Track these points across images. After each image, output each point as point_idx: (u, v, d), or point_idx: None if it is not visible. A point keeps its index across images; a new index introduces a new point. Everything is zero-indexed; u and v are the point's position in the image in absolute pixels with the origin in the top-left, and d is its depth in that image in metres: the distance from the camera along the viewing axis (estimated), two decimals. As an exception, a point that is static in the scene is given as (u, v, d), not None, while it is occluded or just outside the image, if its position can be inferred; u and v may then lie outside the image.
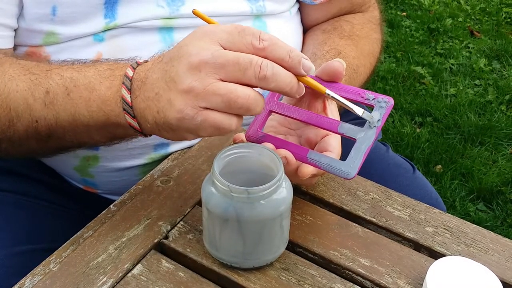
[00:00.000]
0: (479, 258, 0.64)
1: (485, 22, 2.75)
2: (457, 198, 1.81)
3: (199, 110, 0.56)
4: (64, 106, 0.64)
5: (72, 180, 0.87)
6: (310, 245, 0.65)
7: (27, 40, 0.76)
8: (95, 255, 0.63)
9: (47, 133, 0.66)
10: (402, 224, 0.68)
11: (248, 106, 0.56)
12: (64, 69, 0.66)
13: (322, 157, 0.63)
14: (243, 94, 0.56)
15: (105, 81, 0.63)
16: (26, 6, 0.73)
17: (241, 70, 0.55)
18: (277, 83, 0.56)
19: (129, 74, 0.61)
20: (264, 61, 0.56)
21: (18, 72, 0.67)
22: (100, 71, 0.64)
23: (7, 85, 0.66)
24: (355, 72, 0.85)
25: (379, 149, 0.94)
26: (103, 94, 0.62)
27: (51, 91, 0.64)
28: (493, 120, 2.12)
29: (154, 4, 0.77)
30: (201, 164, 0.75)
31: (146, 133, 0.63)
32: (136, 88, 0.60)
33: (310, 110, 0.68)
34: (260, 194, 0.57)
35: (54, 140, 0.68)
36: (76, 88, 0.64)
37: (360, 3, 0.97)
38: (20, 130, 0.67)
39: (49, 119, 0.65)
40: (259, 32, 0.57)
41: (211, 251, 0.62)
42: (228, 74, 0.55)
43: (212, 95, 0.55)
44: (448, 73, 2.40)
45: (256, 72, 0.55)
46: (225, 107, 0.56)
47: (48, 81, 0.65)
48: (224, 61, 0.55)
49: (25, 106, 0.66)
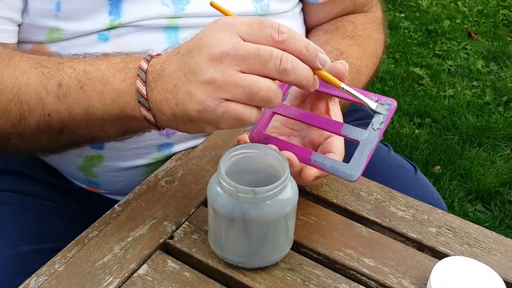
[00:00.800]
0: (482, 258, 0.65)
1: (482, 24, 2.76)
2: (455, 198, 1.82)
3: (220, 101, 0.56)
4: (78, 99, 0.63)
5: (76, 180, 0.87)
6: (314, 245, 0.65)
7: (31, 36, 0.76)
8: (101, 255, 0.63)
9: (59, 127, 0.66)
10: (405, 225, 0.69)
11: (269, 98, 0.56)
12: (76, 62, 0.65)
13: (325, 159, 0.63)
14: (264, 86, 0.56)
15: (119, 74, 0.62)
16: (30, 1, 0.73)
17: (262, 62, 0.55)
18: (296, 76, 0.57)
19: (144, 67, 0.61)
20: (284, 53, 0.56)
21: (29, 65, 0.66)
22: (113, 64, 0.63)
23: (18, 79, 0.65)
24: (358, 73, 0.85)
25: (381, 150, 0.94)
26: (117, 86, 0.62)
27: (64, 84, 0.64)
28: (491, 121, 2.13)
29: (159, 3, 0.77)
30: (205, 164, 0.75)
31: (161, 126, 0.63)
32: (152, 80, 0.60)
33: (313, 111, 0.69)
34: (266, 195, 0.57)
35: (66, 134, 0.67)
36: (89, 81, 0.63)
37: (363, 3, 0.97)
38: (32, 125, 0.66)
39: (62, 112, 0.64)
40: (278, 25, 0.57)
41: (216, 251, 0.62)
42: (249, 66, 0.56)
43: (234, 86, 0.55)
44: (446, 74, 2.41)
45: (277, 65, 0.55)
46: (246, 98, 0.56)
47: (60, 74, 0.64)
48: (245, 53, 0.55)
49: (37, 99, 0.65)
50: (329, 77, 0.61)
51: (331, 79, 0.61)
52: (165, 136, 0.79)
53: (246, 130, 0.81)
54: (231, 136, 0.80)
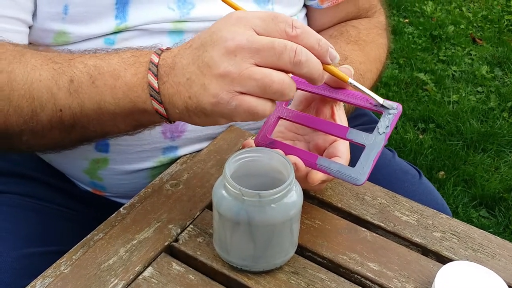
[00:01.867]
0: (486, 263, 0.65)
1: (487, 29, 2.76)
2: (459, 204, 1.82)
3: (234, 94, 0.56)
4: (89, 94, 0.63)
5: (81, 183, 0.88)
6: (319, 249, 0.65)
7: (38, 39, 0.77)
8: (106, 258, 0.63)
9: (71, 122, 0.66)
10: (410, 229, 0.69)
11: (282, 91, 0.57)
12: (87, 58, 0.65)
13: (331, 163, 0.63)
14: (278, 79, 0.56)
15: (130, 68, 0.63)
16: (39, 4, 0.74)
17: (276, 54, 0.56)
18: (309, 69, 0.57)
19: (155, 60, 0.61)
20: (298, 46, 0.56)
21: (41, 62, 0.66)
22: (124, 58, 0.64)
23: (30, 75, 0.65)
24: (362, 77, 0.86)
25: (386, 155, 0.95)
26: (129, 80, 0.62)
27: (76, 80, 0.64)
28: (495, 127, 2.13)
29: (164, 7, 0.77)
30: (209, 168, 0.76)
31: (172, 120, 0.63)
32: (164, 74, 0.60)
33: (319, 116, 0.69)
34: (271, 198, 0.57)
35: (77, 130, 0.67)
36: (100, 75, 0.63)
37: (367, 8, 0.98)
38: (44, 120, 0.66)
39: (74, 107, 0.64)
40: (291, 20, 0.58)
41: (221, 254, 0.63)
42: (263, 59, 0.56)
43: (248, 79, 0.56)
44: (450, 80, 2.41)
45: (291, 57, 0.56)
46: (260, 91, 0.56)
47: (71, 69, 0.64)
48: (260, 46, 0.56)
49: (49, 95, 0.65)
50: (338, 72, 0.62)
51: (339, 74, 0.62)
52: (170, 140, 0.80)
53: (252, 135, 0.82)
54: (235, 140, 0.80)
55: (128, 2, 0.75)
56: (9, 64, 0.66)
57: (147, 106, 0.62)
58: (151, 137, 0.79)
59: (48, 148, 0.73)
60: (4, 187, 0.85)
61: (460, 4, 2.95)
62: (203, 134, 0.81)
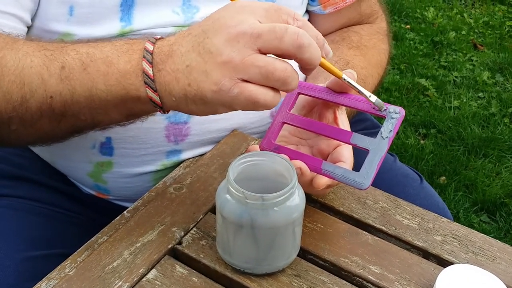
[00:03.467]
0: (487, 266, 0.65)
1: (488, 35, 2.77)
2: (461, 209, 1.82)
3: (236, 81, 0.56)
4: (81, 80, 0.63)
5: (85, 186, 0.88)
6: (321, 252, 0.66)
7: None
8: (111, 260, 0.64)
9: (61, 110, 0.65)
10: (411, 233, 0.69)
11: (285, 79, 0.57)
12: (80, 45, 0.65)
13: (336, 168, 0.64)
14: (280, 67, 0.56)
15: (123, 55, 0.62)
16: (44, 5, 0.74)
17: (278, 37, 0.56)
18: (310, 54, 0.57)
19: (149, 48, 0.61)
20: (300, 30, 0.57)
21: (33, 49, 0.66)
22: (117, 46, 0.63)
23: (21, 61, 0.65)
24: (363, 82, 0.86)
25: (387, 160, 0.95)
26: (122, 68, 0.62)
27: (67, 66, 0.63)
28: (496, 132, 2.14)
29: (169, 11, 0.78)
30: (213, 172, 0.76)
31: (166, 109, 0.63)
32: (159, 62, 0.60)
33: (321, 121, 0.70)
34: (274, 201, 0.58)
35: (68, 118, 0.66)
36: (93, 62, 0.63)
37: (368, 14, 0.99)
38: (33, 107, 0.65)
39: (65, 94, 0.63)
40: (293, 12, 0.58)
41: (224, 257, 0.63)
42: (266, 44, 0.56)
43: (251, 66, 0.56)
44: (451, 86, 2.42)
45: (294, 39, 0.56)
46: (263, 79, 0.57)
47: (63, 56, 0.64)
48: (261, 30, 0.56)
49: (39, 81, 0.64)
50: (332, 67, 0.63)
51: (333, 69, 0.63)
52: (174, 143, 0.81)
53: (255, 139, 0.82)
54: (238, 144, 0.81)
55: (133, 5, 0.76)
56: (0, 50, 0.65)
57: (140, 94, 0.61)
58: (155, 140, 0.80)
59: (38, 139, 0.72)
60: (8, 190, 0.86)
61: (462, 10, 2.96)
62: (207, 138, 0.81)
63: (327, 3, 0.92)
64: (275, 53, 0.57)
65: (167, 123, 0.79)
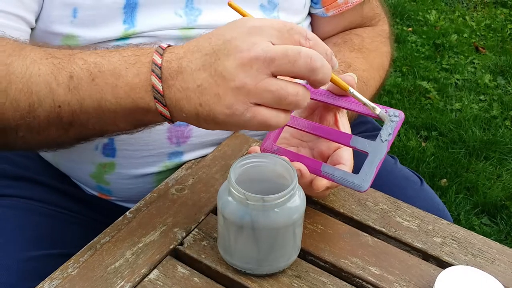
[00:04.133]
0: (486, 268, 0.66)
1: (490, 38, 2.77)
2: (461, 212, 1.83)
3: (249, 106, 0.57)
4: (89, 92, 0.62)
5: (87, 187, 0.89)
6: (321, 253, 0.67)
7: (47, 41, 0.77)
8: (113, 260, 0.65)
9: (69, 119, 0.64)
10: (411, 234, 0.70)
11: (297, 102, 0.57)
12: (87, 54, 0.64)
13: (335, 170, 0.65)
14: (293, 91, 0.57)
15: (131, 68, 0.62)
16: (47, 7, 0.75)
17: (291, 62, 0.56)
18: (323, 75, 0.58)
19: (158, 61, 0.60)
20: (314, 52, 0.57)
21: (40, 56, 0.65)
22: (125, 57, 0.63)
23: (29, 68, 0.64)
24: (365, 85, 0.87)
25: (388, 162, 0.96)
26: (131, 81, 0.61)
27: (75, 76, 0.63)
28: (497, 135, 2.14)
29: (172, 13, 0.79)
30: (214, 173, 0.77)
31: (176, 121, 0.63)
32: (169, 77, 0.60)
33: (322, 123, 0.70)
34: (274, 202, 0.58)
35: (75, 127, 0.66)
36: (101, 73, 0.62)
37: (370, 16, 0.99)
38: (41, 116, 0.64)
39: (73, 104, 0.63)
40: (305, 31, 0.58)
41: (225, 257, 0.64)
42: (279, 68, 0.56)
43: (264, 91, 0.56)
44: (453, 88, 2.42)
45: (307, 63, 0.56)
46: (275, 103, 0.57)
47: (71, 65, 0.63)
48: (274, 54, 0.56)
49: (47, 90, 0.63)
50: (339, 80, 0.63)
51: (340, 82, 0.63)
52: (176, 145, 0.81)
53: (256, 141, 0.83)
54: (240, 146, 0.82)
55: (136, 7, 0.77)
56: (8, 57, 0.65)
57: (150, 107, 0.61)
58: (157, 142, 0.81)
59: (45, 145, 0.72)
60: (11, 190, 0.86)
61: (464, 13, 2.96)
62: (208, 140, 0.82)
63: (330, 6, 0.93)
64: (288, 75, 0.57)
65: (169, 125, 0.79)
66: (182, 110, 0.60)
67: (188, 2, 0.79)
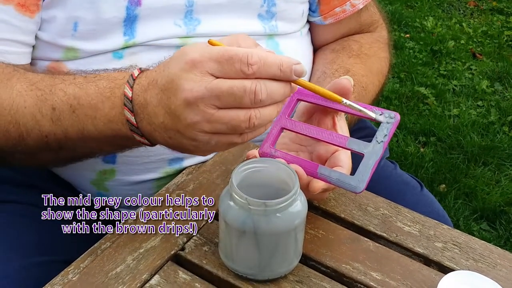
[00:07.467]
0: (488, 273, 0.66)
1: (487, 44, 2.78)
2: (460, 217, 1.83)
3: (210, 135, 0.59)
4: (71, 122, 0.66)
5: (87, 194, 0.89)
6: (322, 258, 0.67)
7: (48, 53, 0.78)
8: (114, 266, 0.64)
9: (58, 146, 0.68)
10: (412, 239, 0.70)
11: (253, 127, 0.58)
12: (67, 84, 0.67)
13: (331, 172, 0.65)
14: (244, 118, 0.58)
15: (107, 101, 0.64)
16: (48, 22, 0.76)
17: (237, 100, 0.57)
18: (272, 100, 0.58)
19: (128, 94, 0.62)
20: (257, 85, 0.57)
21: (25, 87, 0.69)
22: (101, 89, 0.65)
23: (15, 101, 0.68)
24: (364, 90, 0.87)
25: (387, 167, 0.96)
26: (107, 113, 0.64)
27: (57, 108, 0.66)
28: (495, 140, 2.14)
29: (171, 24, 0.79)
30: (215, 179, 0.77)
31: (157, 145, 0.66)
32: (139, 111, 0.62)
33: (320, 126, 0.70)
34: (276, 207, 0.58)
35: (65, 152, 0.70)
36: (80, 106, 0.65)
37: (369, 23, 1.00)
38: (31, 144, 0.69)
39: (58, 134, 0.67)
40: (246, 57, 0.56)
41: (227, 262, 0.64)
42: (225, 104, 0.57)
43: (217, 123, 0.58)
44: (451, 94, 2.43)
45: (251, 99, 0.57)
46: (232, 130, 0.59)
47: (53, 97, 0.67)
48: (219, 92, 0.56)
49: (33, 122, 0.67)
50: (331, 94, 0.62)
51: (332, 95, 0.62)
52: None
53: (256, 146, 0.83)
54: (240, 151, 0.82)
55: (136, 19, 0.77)
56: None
57: (129, 137, 0.64)
58: (157, 148, 0.80)
59: (42, 165, 0.77)
60: (12, 196, 0.86)
61: (461, 19, 2.98)
62: (209, 145, 0.82)
63: (327, 14, 0.93)
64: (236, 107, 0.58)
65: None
66: (157, 141, 0.64)
67: (187, 13, 0.80)
